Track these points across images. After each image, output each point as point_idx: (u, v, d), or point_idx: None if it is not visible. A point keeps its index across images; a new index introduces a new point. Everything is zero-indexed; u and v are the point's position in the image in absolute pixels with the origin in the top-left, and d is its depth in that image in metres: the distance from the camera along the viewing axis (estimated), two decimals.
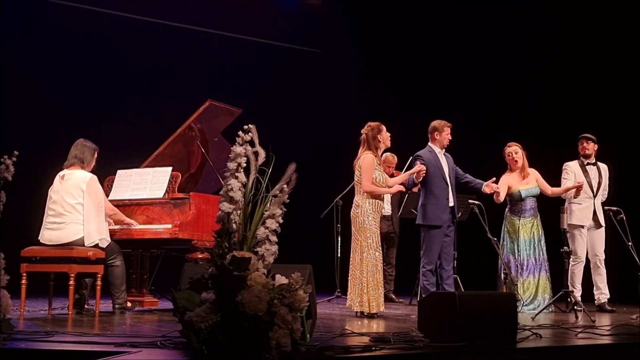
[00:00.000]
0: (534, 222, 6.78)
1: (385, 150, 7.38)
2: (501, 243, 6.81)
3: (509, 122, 9.31)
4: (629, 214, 6.41)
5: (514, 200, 6.82)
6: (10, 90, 8.55)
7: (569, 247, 6.03)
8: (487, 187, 6.34)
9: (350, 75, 10.54)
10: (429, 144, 6.29)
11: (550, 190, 6.89)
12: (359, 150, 6.02)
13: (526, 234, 6.73)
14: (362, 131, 6.01)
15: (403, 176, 6.30)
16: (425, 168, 5.99)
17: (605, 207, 6.70)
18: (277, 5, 10.57)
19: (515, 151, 6.88)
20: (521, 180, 6.82)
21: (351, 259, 5.85)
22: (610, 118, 8.51)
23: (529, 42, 9.53)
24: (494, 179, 6.43)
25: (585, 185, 6.83)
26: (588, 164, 6.94)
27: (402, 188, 6.24)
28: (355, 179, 5.97)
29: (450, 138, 6.25)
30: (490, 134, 9.34)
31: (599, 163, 7.01)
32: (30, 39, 8.91)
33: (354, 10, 10.55)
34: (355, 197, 5.94)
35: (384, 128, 6.00)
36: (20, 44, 8.80)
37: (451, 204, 6.12)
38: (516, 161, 6.84)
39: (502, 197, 6.66)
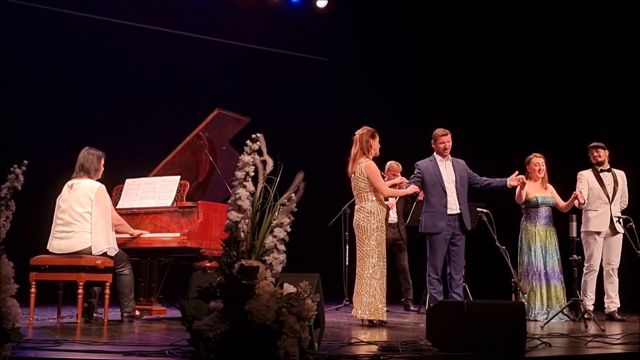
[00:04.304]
0: (549, 231, 6.80)
1: (389, 159, 7.46)
2: (519, 251, 6.87)
3: (517, 133, 9.28)
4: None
5: (530, 207, 6.85)
6: (20, 100, 8.61)
7: (578, 255, 6.00)
8: (512, 180, 6.31)
9: (358, 84, 10.55)
10: (434, 152, 6.31)
11: (562, 203, 6.92)
12: (351, 151, 5.98)
13: (541, 241, 6.76)
14: (357, 132, 5.98)
15: (398, 192, 6.33)
16: (418, 190, 6.20)
17: (615, 215, 6.70)
18: (284, 13, 10.59)
19: (542, 163, 6.95)
20: (541, 189, 6.88)
21: (357, 268, 5.83)
22: (620, 125, 8.45)
23: (543, 51, 9.51)
24: (517, 172, 6.36)
25: (601, 191, 6.87)
26: (602, 170, 6.96)
27: (417, 189, 6.28)
28: (353, 183, 5.92)
29: (448, 146, 6.22)
30: (496, 143, 9.32)
31: (614, 170, 7.00)
32: (40, 49, 8.98)
33: (361, 18, 10.57)
34: (358, 205, 5.91)
35: (377, 135, 6.00)
36: (29, 54, 8.88)
37: (455, 211, 6.12)
38: (539, 171, 6.89)
39: (523, 197, 6.73)
